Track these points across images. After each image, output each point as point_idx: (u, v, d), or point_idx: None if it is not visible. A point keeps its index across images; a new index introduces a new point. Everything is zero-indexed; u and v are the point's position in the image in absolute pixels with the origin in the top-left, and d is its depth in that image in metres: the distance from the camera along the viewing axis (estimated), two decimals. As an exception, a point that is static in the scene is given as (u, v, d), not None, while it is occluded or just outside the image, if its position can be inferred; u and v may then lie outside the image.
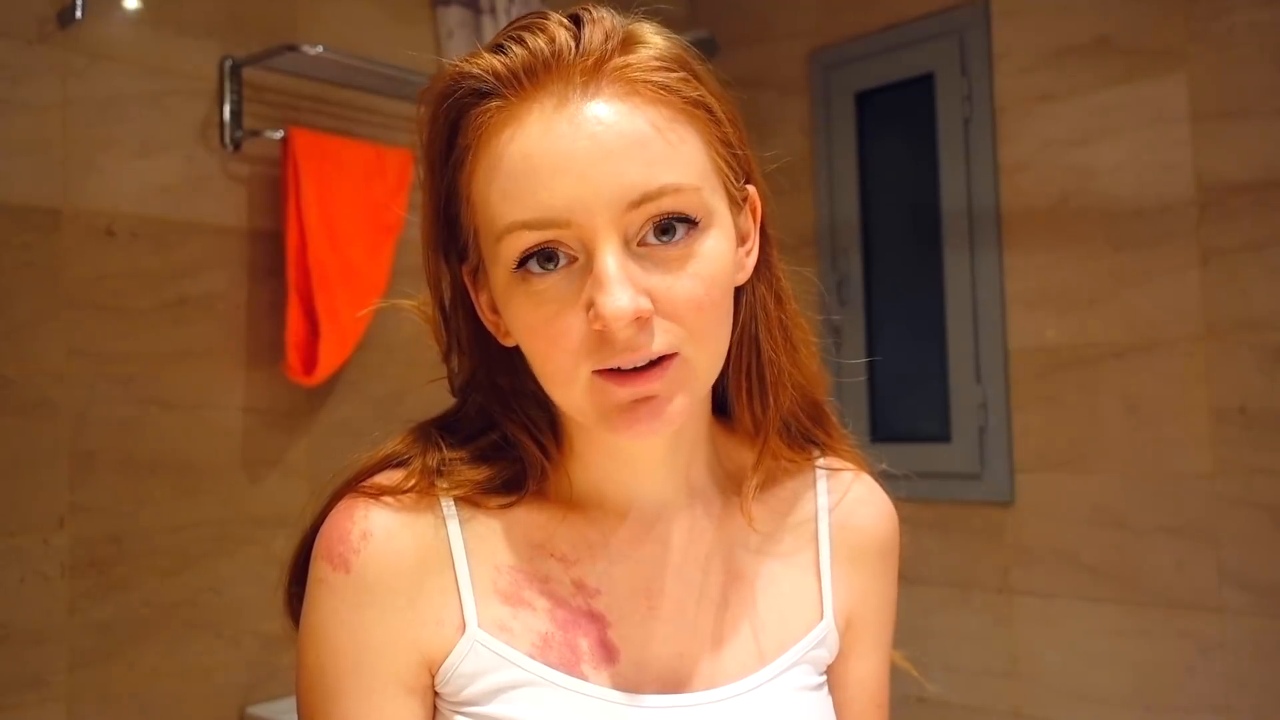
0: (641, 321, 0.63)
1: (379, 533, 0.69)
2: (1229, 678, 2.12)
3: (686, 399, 0.67)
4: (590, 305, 0.63)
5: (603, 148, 0.62)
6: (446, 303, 0.75)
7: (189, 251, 2.03)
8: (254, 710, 2.04)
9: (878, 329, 2.69)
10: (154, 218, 1.99)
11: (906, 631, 0.86)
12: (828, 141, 2.71)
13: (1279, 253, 2.08)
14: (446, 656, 0.69)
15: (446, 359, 0.77)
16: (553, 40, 0.64)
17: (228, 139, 2.09)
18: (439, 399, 0.80)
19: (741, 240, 0.72)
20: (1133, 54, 2.26)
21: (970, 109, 2.49)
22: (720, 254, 0.66)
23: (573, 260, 0.64)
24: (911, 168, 2.63)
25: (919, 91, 2.61)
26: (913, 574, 2.61)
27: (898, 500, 0.84)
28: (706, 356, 0.67)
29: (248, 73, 2.11)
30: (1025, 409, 2.40)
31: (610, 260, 0.63)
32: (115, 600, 1.90)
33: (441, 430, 0.75)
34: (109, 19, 1.95)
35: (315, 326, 2.10)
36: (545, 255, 0.64)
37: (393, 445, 0.75)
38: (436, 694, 0.71)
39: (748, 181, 0.73)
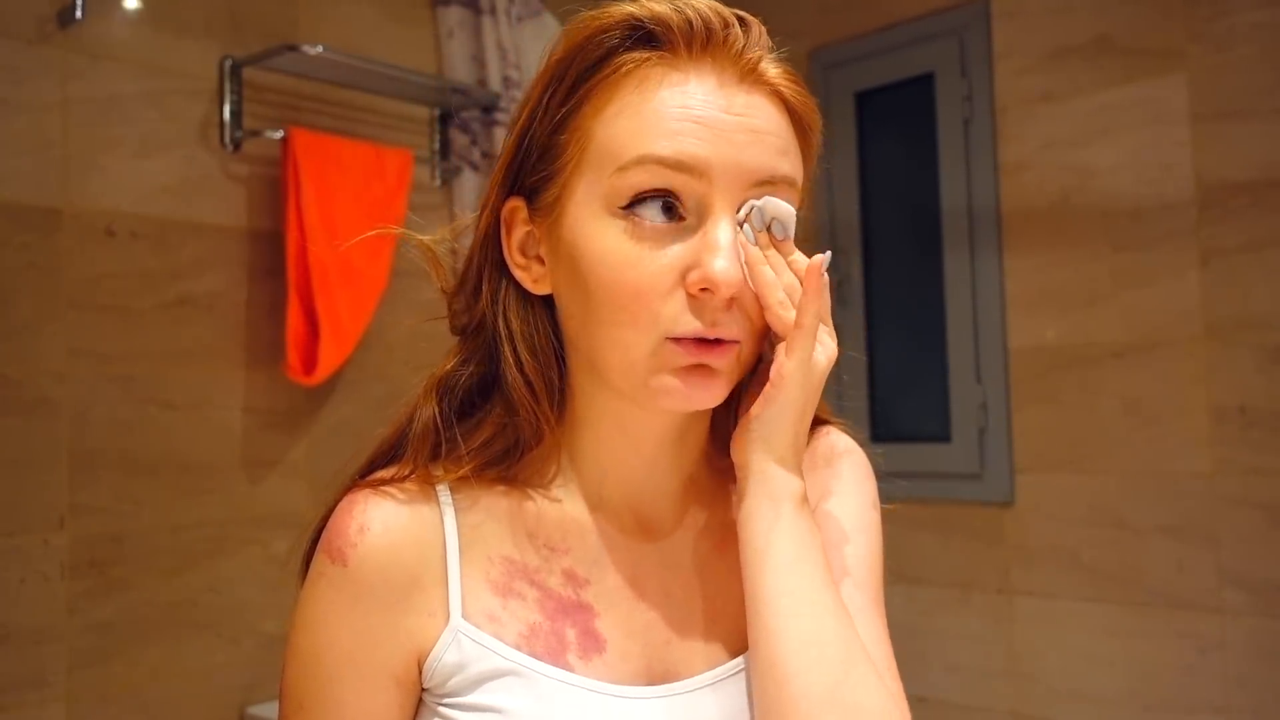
0: (733, 299, 0.66)
1: (376, 527, 0.71)
2: (1228, 678, 2.12)
3: (729, 386, 0.69)
4: (696, 266, 0.65)
5: (751, 127, 0.67)
6: (492, 233, 0.74)
7: (189, 251, 2.04)
8: (254, 710, 2.04)
9: (878, 329, 2.69)
10: (154, 218, 1.99)
11: (907, 631, 0.85)
12: (828, 141, 2.70)
13: (1279, 253, 2.08)
14: (432, 647, 0.70)
15: (453, 295, 0.77)
16: (728, 26, 0.68)
17: (228, 139, 2.09)
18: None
19: None
20: (1133, 54, 2.26)
21: (970, 109, 2.49)
22: None
23: (681, 218, 0.67)
24: (911, 168, 2.63)
25: (919, 91, 2.60)
26: (913, 574, 2.62)
27: (898, 501, 0.84)
28: (751, 358, 0.70)
29: (248, 73, 2.11)
30: (1025, 409, 2.40)
31: (727, 229, 0.66)
32: (115, 600, 1.90)
33: (447, 393, 0.75)
34: (109, 19, 1.95)
35: (315, 326, 2.10)
36: (666, 205, 0.66)
37: (401, 418, 0.76)
38: (424, 689, 0.72)
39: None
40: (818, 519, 0.76)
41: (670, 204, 0.66)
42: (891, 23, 2.63)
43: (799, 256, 0.69)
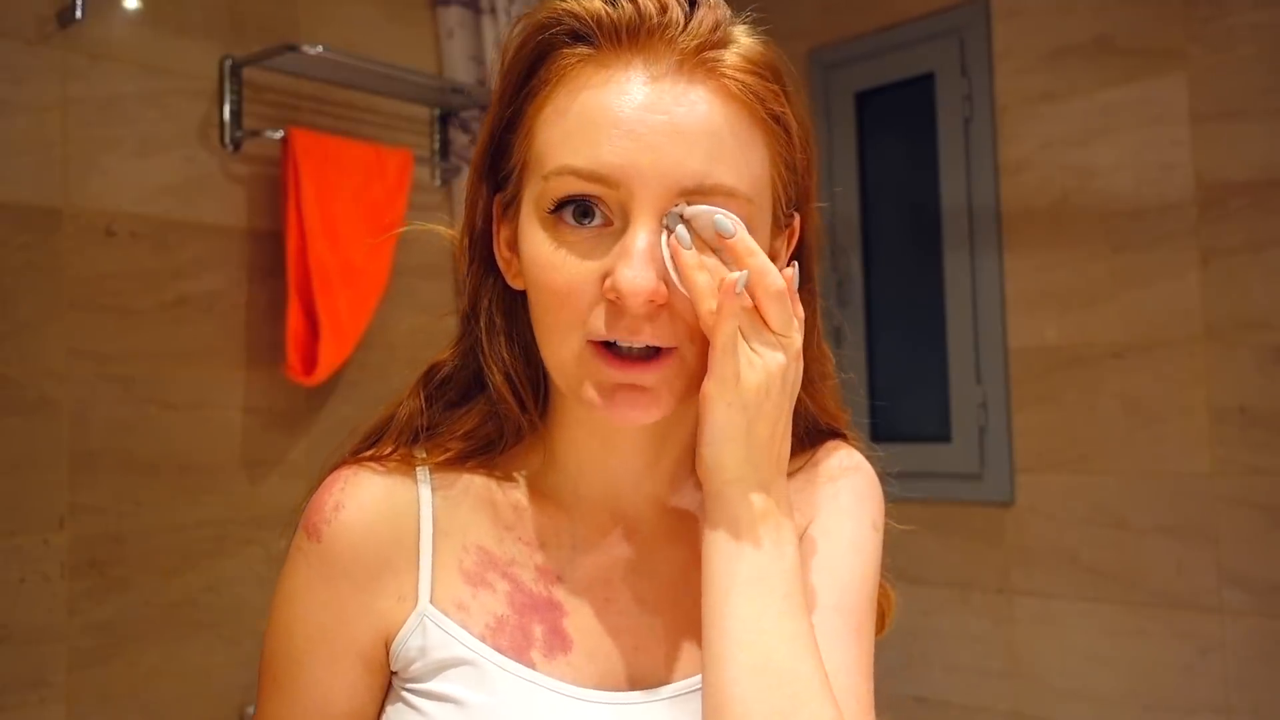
0: (653, 307, 0.63)
1: (350, 505, 0.71)
2: (1228, 678, 2.12)
3: (672, 398, 0.66)
4: (610, 274, 0.63)
5: (677, 128, 0.63)
6: (478, 228, 0.74)
7: (189, 251, 2.03)
8: (254, 710, 2.04)
9: (878, 329, 2.69)
10: (154, 218, 1.99)
11: (906, 631, 0.85)
12: (828, 141, 2.71)
13: (1279, 253, 2.08)
14: (399, 630, 0.70)
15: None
16: (665, 10, 0.64)
17: (228, 139, 2.09)
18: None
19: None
20: (1133, 54, 2.26)
21: (970, 109, 2.49)
22: None
23: (608, 223, 0.64)
24: (911, 168, 2.63)
25: (919, 91, 2.61)
26: (913, 574, 2.61)
27: (898, 501, 0.83)
28: (703, 362, 0.66)
29: (248, 73, 2.11)
30: (1025, 409, 2.40)
31: (643, 236, 0.63)
32: (115, 600, 1.90)
33: (438, 383, 0.75)
34: (109, 19, 1.95)
35: (315, 326, 2.10)
36: (583, 210, 0.64)
37: (393, 403, 0.77)
38: (392, 672, 0.72)
39: (798, 208, 0.73)
40: (809, 537, 0.74)
41: (588, 208, 0.64)
42: (891, 23, 2.63)
43: (761, 267, 0.63)
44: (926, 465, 2.53)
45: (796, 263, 0.69)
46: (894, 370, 2.68)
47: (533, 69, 0.67)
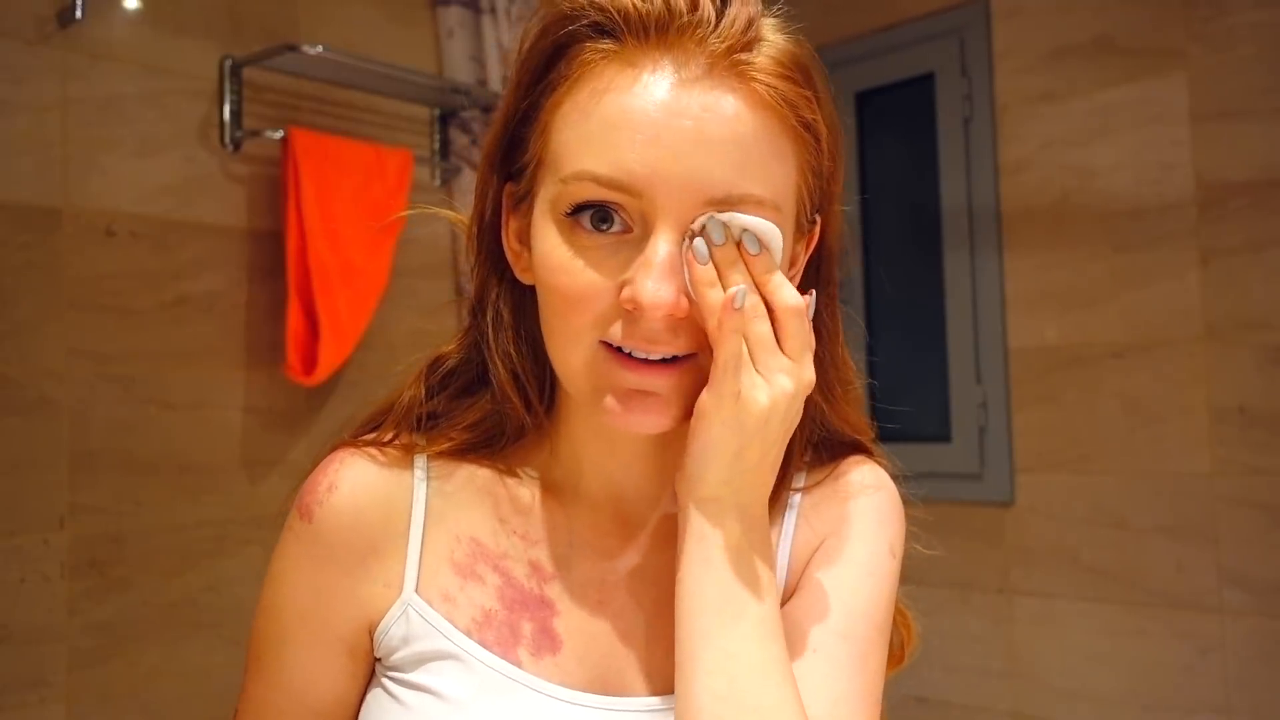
0: (673, 320, 0.61)
1: (344, 487, 0.71)
2: (1228, 678, 2.12)
3: (683, 408, 0.65)
4: (629, 283, 0.61)
5: (705, 135, 0.60)
6: (487, 218, 0.72)
7: (189, 251, 2.03)
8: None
9: (878, 329, 2.69)
10: (154, 218, 1.99)
11: (906, 632, 0.84)
12: (828, 141, 2.71)
13: (1279, 253, 2.08)
14: (382, 618, 0.70)
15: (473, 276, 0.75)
16: (696, 7, 0.61)
17: (228, 139, 2.09)
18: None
19: (788, 265, 0.69)
20: (1133, 54, 2.26)
21: (970, 109, 2.49)
22: None
23: (627, 229, 0.62)
24: (911, 168, 2.63)
25: (919, 91, 2.61)
26: (912, 574, 2.61)
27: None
28: None
29: (248, 73, 2.11)
30: (1025, 409, 2.40)
31: (665, 247, 0.60)
32: (115, 600, 1.90)
33: (441, 375, 0.74)
34: (109, 19, 1.95)
35: (315, 326, 2.10)
36: (602, 215, 0.62)
37: (396, 390, 0.75)
38: (376, 659, 0.71)
39: (820, 211, 0.71)
40: (822, 557, 0.72)
41: (607, 214, 0.61)
42: (891, 23, 2.63)
43: (777, 282, 0.62)
44: (926, 465, 2.53)
45: (814, 291, 0.67)
46: (894, 370, 2.68)
47: (551, 62, 0.64)
